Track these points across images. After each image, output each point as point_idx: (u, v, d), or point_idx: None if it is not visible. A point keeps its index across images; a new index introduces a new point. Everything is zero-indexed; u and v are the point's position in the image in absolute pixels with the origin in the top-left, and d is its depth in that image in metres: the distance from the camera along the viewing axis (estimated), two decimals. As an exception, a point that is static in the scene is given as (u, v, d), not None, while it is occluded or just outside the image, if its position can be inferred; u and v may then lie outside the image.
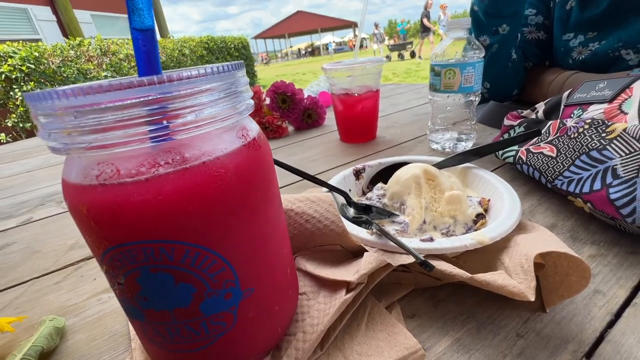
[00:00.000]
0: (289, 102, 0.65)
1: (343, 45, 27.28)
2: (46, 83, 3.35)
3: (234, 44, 6.42)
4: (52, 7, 5.71)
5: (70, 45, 3.74)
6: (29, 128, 3.35)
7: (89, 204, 0.12)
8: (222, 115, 0.13)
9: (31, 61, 3.27)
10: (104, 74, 3.90)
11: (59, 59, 3.52)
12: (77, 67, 3.67)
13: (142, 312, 0.14)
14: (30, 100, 0.12)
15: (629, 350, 0.17)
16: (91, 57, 3.90)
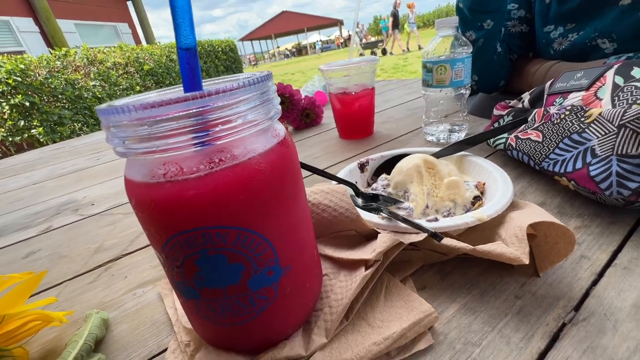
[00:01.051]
0: (287, 103, 0.67)
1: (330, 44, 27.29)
2: (34, 95, 3.30)
3: (221, 47, 6.39)
4: (34, 18, 5.61)
5: (56, 56, 3.70)
6: (18, 142, 3.31)
7: (157, 198, 0.14)
8: (257, 120, 0.15)
9: (17, 74, 3.22)
10: (92, 83, 3.86)
11: (45, 71, 3.47)
12: (65, 77, 3.63)
13: (198, 292, 0.17)
14: (102, 114, 0.14)
15: (610, 302, 0.20)
16: (78, 67, 3.86)
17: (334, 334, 0.20)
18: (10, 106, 3.21)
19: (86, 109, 3.83)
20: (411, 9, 8.61)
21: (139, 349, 0.23)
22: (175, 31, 0.16)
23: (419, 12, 8.79)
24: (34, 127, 3.37)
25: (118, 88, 4.22)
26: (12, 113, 3.25)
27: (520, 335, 0.19)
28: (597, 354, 0.17)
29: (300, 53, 26.86)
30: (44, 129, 3.41)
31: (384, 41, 9.01)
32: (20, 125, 3.30)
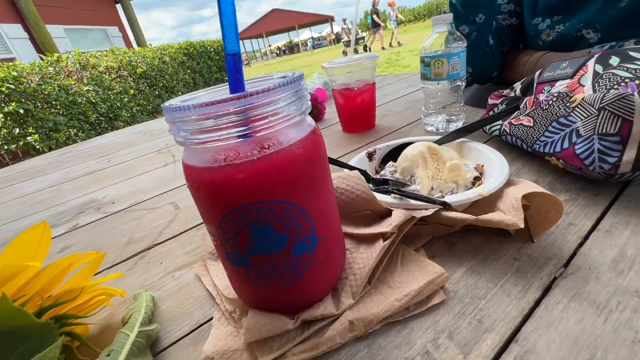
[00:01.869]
0: (291, 101, 0.70)
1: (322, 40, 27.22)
2: (27, 102, 3.29)
3: (213, 48, 6.35)
4: (23, 24, 5.55)
5: (49, 62, 3.67)
6: (14, 149, 3.29)
7: (219, 179, 0.17)
8: (293, 113, 0.18)
9: (10, 81, 3.20)
10: (85, 88, 3.84)
11: (37, 77, 3.45)
12: (58, 83, 3.61)
13: (249, 259, 0.20)
14: (169, 111, 0.17)
15: (593, 258, 0.23)
16: (70, 72, 3.83)
17: (360, 296, 0.23)
18: (4, 114, 3.19)
19: (81, 114, 3.81)
20: (392, 7, 8.87)
21: (186, 320, 0.26)
22: (223, 39, 0.19)
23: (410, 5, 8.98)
24: (29, 135, 3.35)
25: (112, 92, 4.20)
26: (6, 121, 3.24)
27: (518, 289, 0.22)
28: (582, 298, 0.21)
29: (292, 51, 26.76)
30: (40, 136, 3.39)
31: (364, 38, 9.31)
32: (15, 133, 3.28)
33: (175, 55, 5.32)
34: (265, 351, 0.21)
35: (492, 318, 0.21)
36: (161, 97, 4.94)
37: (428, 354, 0.19)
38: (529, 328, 0.20)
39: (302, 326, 0.22)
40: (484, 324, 0.20)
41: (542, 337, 0.19)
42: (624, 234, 0.25)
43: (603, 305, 0.20)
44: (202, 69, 5.99)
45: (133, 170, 0.69)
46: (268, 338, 0.21)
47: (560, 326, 0.19)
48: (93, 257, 0.22)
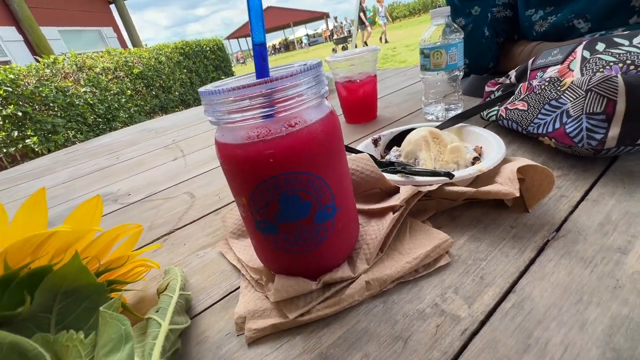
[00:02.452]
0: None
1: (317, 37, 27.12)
2: (25, 105, 3.28)
3: (209, 47, 6.33)
4: (17, 27, 5.53)
5: (45, 64, 3.67)
6: (13, 152, 3.29)
7: (252, 154, 0.20)
8: (314, 96, 0.21)
9: (7, 84, 3.19)
10: (82, 89, 3.83)
11: (34, 79, 3.45)
12: (55, 85, 3.60)
13: (277, 226, 0.22)
14: (206, 95, 0.20)
15: (582, 223, 0.26)
16: (67, 74, 3.83)
17: (373, 262, 0.26)
18: (3, 117, 3.18)
19: (79, 115, 3.81)
20: (380, 4, 9.18)
21: (215, 290, 0.28)
22: (251, 31, 0.21)
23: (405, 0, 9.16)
24: (28, 137, 3.35)
25: (109, 93, 4.19)
26: (4, 124, 3.23)
27: (515, 251, 0.25)
28: (571, 255, 0.23)
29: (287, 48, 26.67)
30: (39, 138, 3.39)
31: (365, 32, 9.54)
32: (14, 135, 3.28)
33: (171, 55, 5.31)
34: (292, 309, 0.23)
35: (493, 275, 0.23)
36: (158, 97, 4.93)
37: (437, 306, 0.22)
38: (524, 281, 0.22)
39: (323, 288, 0.24)
40: (485, 280, 0.23)
41: (536, 288, 0.22)
42: (609, 202, 0.28)
43: (589, 260, 0.23)
44: (198, 68, 5.97)
45: (143, 165, 0.71)
46: (294, 298, 0.24)
47: (552, 278, 0.22)
48: (135, 230, 0.24)
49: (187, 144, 0.80)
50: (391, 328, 0.21)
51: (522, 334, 0.19)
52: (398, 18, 23.50)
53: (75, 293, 0.19)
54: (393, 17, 23.44)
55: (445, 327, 0.21)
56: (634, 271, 0.21)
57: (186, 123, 1.08)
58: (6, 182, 0.85)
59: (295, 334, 0.22)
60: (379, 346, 0.20)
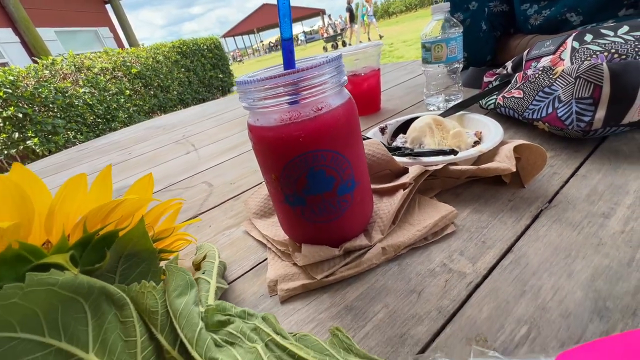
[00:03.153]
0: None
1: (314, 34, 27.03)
2: (25, 106, 3.29)
3: (206, 45, 6.32)
4: (13, 28, 5.51)
5: (44, 65, 3.67)
6: (13, 154, 3.30)
7: (285, 134, 0.23)
8: (336, 84, 0.24)
9: (7, 86, 3.20)
10: (81, 90, 3.83)
11: (33, 80, 3.45)
12: (54, 86, 3.60)
13: (304, 199, 0.25)
14: (243, 84, 0.23)
15: (572, 195, 0.29)
16: (66, 74, 3.83)
17: (387, 232, 0.29)
18: (3, 119, 3.19)
19: (78, 116, 3.81)
20: (369, 2, 9.52)
21: (245, 262, 0.32)
22: (280, 27, 0.24)
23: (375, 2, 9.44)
24: (29, 138, 3.36)
25: (108, 93, 4.19)
26: (5, 126, 3.24)
27: (513, 219, 0.28)
28: (562, 221, 0.27)
29: (284, 46, 26.52)
30: (39, 139, 3.40)
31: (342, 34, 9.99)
32: (15, 137, 3.29)
33: (168, 54, 5.31)
34: (318, 271, 0.26)
35: (493, 239, 0.27)
36: (157, 96, 4.94)
37: (445, 265, 0.25)
38: (521, 243, 0.26)
39: (344, 254, 0.28)
40: (487, 244, 0.26)
41: (530, 248, 0.25)
42: (597, 177, 0.31)
43: (577, 224, 0.26)
44: (196, 67, 5.97)
45: (156, 159, 0.74)
46: (319, 262, 0.27)
47: (544, 240, 0.25)
48: (178, 205, 0.28)
49: (197, 139, 0.83)
50: (406, 284, 0.25)
51: (518, 283, 0.22)
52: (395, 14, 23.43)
53: (135, 256, 0.22)
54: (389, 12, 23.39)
55: (453, 281, 0.24)
56: (615, 231, 0.24)
57: (192, 120, 1.11)
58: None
59: (322, 292, 0.26)
60: (397, 298, 0.24)
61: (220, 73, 6.55)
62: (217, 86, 6.50)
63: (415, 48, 5.26)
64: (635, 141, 0.35)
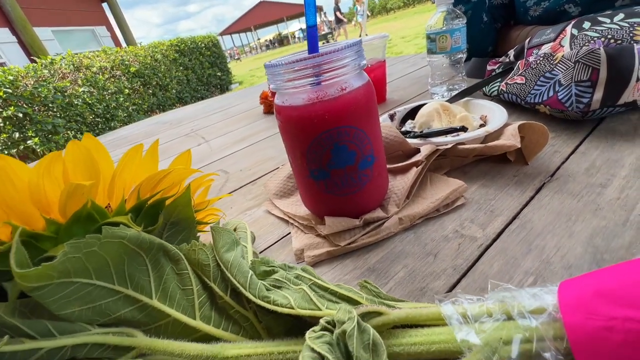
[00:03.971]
0: (308, 82, 0.77)
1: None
2: (24, 106, 3.29)
3: (204, 43, 6.30)
4: (10, 28, 5.49)
5: (43, 65, 3.66)
6: (14, 154, 3.31)
7: (312, 112, 0.25)
8: (357, 66, 0.26)
9: (7, 86, 3.20)
10: (80, 89, 3.83)
11: (33, 80, 3.44)
12: (53, 85, 3.59)
13: (329, 172, 0.28)
14: (272, 67, 0.25)
15: (572, 169, 0.32)
16: (65, 74, 3.82)
17: (402, 206, 0.32)
18: (3, 119, 3.19)
19: (78, 115, 3.81)
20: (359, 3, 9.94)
21: (269, 236, 0.34)
22: (305, 16, 0.26)
23: None
24: (29, 138, 3.36)
25: (107, 92, 4.19)
26: (5, 125, 3.24)
27: (518, 192, 0.31)
28: (563, 191, 0.29)
29: (282, 43, 26.48)
30: (40, 139, 3.40)
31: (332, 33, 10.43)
32: (15, 137, 3.29)
33: (167, 53, 5.30)
34: (341, 240, 0.29)
35: (500, 209, 0.29)
36: (155, 95, 4.94)
37: (457, 232, 0.28)
38: (526, 211, 0.28)
39: (364, 225, 0.30)
40: (495, 212, 0.29)
41: (535, 214, 0.27)
42: (595, 153, 0.34)
43: (577, 193, 0.28)
44: (194, 65, 5.96)
45: (169, 151, 0.77)
46: (341, 232, 0.29)
47: (547, 207, 0.28)
48: (211, 181, 0.30)
49: (206, 132, 0.85)
50: (422, 248, 0.27)
51: (525, 243, 0.25)
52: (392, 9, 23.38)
53: (177, 224, 0.25)
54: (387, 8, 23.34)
55: (465, 244, 0.26)
56: (611, 198, 0.27)
57: (198, 115, 1.13)
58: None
59: (346, 257, 0.28)
60: (415, 260, 0.26)
61: (218, 71, 6.54)
62: (215, 84, 6.49)
63: (413, 44, 5.26)
64: (630, 121, 0.37)
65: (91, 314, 0.18)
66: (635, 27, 0.35)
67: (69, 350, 0.17)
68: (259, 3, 31.54)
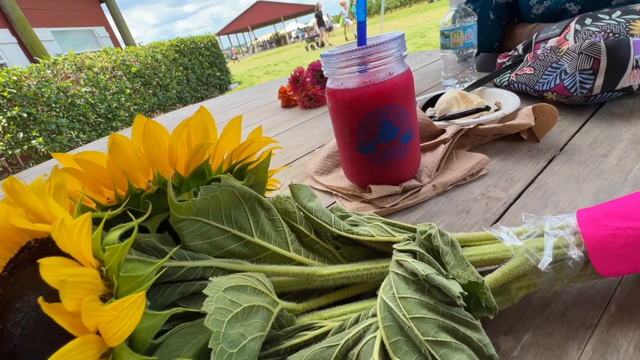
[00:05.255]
0: (325, 77, 0.83)
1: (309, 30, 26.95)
2: (28, 106, 3.32)
3: (203, 43, 6.32)
4: (10, 29, 5.49)
5: (46, 65, 3.68)
6: (18, 154, 3.33)
7: (366, 93, 0.30)
8: (400, 56, 0.31)
9: (11, 86, 3.22)
10: (83, 89, 3.85)
11: (36, 80, 3.46)
12: (56, 85, 3.61)
13: (375, 145, 0.33)
14: (329, 57, 0.30)
15: (578, 144, 0.37)
16: (67, 74, 3.84)
17: (433, 177, 0.37)
18: (7, 119, 3.21)
19: (81, 115, 3.83)
20: (344, 6, 10.98)
21: (316, 206, 0.39)
22: (356, 13, 0.32)
23: None
24: (33, 138, 3.38)
25: (109, 92, 4.21)
26: (10, 126, 3.26)
27: (533, 163, 0.36)
28: (571, 161, 0.35)
29: (279, 43, 26.50)
30: (44, 139, 3.42)
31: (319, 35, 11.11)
32: (19, 137, 3.31)
33: (167, 53, 5.33)
34: (385, 203, 0.34)
35: (519, 176, 0.34)
36: (156, 95, 4.97)
37: (483, 194, 0.33)
38: (541, 176, 0.33)
39: (403, 192, 0.35)
40: (514, 179, 0.34)
41: (549, 179, 0.33)
42: (597, 131, 0.39)
43: (583, 162, 0.34)
44: (194, 65, 5.99)
45: (195, 143, 0.81)
46: (384, 197, 0.35)
47: (559, 173, 0.33)
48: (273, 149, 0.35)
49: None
50: (455, 207, 0.32)
51: (542, 200, 0.30)
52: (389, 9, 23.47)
53: (255, 186, 0.30)
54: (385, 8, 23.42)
55: (492, 203, 0.32)
56: (612, 165, 0.32)
57: (215, 110, 1.17)
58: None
59: (390, 218, 0.33)
60: (450, 216, 0.31)
61: (217, 71, 6.57)
62: (215, 84, 6.52)
63: (412, 43, 5.33)
64: (627, 105, 0.43)
65: (209, 247, 0.23)
66: (630, 23, 0.41)
67: (201, 271, 0.22)
68: (256, 3, 31.53)
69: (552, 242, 0.19)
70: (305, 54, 9.57)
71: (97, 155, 0.22)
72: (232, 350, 0.14)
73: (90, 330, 0.13)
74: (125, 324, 0.13)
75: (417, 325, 0.15)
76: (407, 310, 0.16)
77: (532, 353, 0.18)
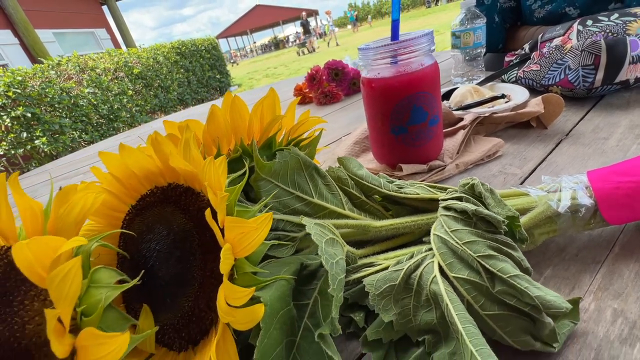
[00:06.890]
0: (340, 75, 0.87)
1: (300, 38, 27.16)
2: (32, 106, 3.34)
3: (204, 46, 6.38)
4: (12, 30, 5.52)
5: (50, 66, 3.71)
6: (21, 154, 3.35)
7: (401, 81, 0.35)
8: (429, 50, 0.36)
9: (16, 86, 3.24)
10: (86, 90, 3.88)
11: (39, 81, 3.49)
12: (60, 86, 3.64)
13: (406, 128, 0.37)
14: (367, 50, 0.35)
15: (582, 130, 0.42)
16: (70, 75, 3.87)
17: (454, 158, 0.41)
18: (11, 119, 3.23)
19: (84, 116, 3.85)
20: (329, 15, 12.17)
21: (348, 185, 0.43)
22: (392, 10, 0.36)
23: None
24: (37, 138, 3.39)
25: (111, 93, 4.24)
26: (13, 125, 3.28)
27: (542, 145, 0.41)
28: (577, 144, 0.39)
29: (278, 47, 26.64)
30: (47, 139, 3.43)
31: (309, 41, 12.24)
32: (23, 137, 3.32)
33: (168, 55, 5.37)
34: (413, 180, 0.38)
35: (531, 156, 0.39)
36: (157, 97, 5.01)
37: (501, 172, 0.38)
38: (550, 156, 0.38)
39: (429, 170, 0.40)
40: (527, 159, 0.39)
41: (558, 158, 0.37)
42: (598, 119, 0.44)
43: (587, 144, 0.39)
44: (194, 67, 6.04)
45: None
46: (413, 174, 0.39)
47: (566, 153, 0.38)
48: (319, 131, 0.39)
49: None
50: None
51: (553, 174, 0.35)
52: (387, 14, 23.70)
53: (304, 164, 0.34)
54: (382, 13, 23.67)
55: (509, 178, 0.36)
56: (612, 146, 0.37)
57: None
58: (76, 163, 0.98)
59: (419, 191, 0.38)
60: (473, 188, 0.36)
61: (217, 74, 6.62)
62: (215, 87, 6.56)
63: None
64: (624, 97, 0.48)
65: (278, 205, 0.27)
66: (627, 24, 0.46)
67: (276, 222, 0.26)
68: (255, 7, 31.73)
69: (569, 193, 0.23)
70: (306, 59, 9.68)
71: (196, 123, 0.26)
72: (332, 261, 0.18)
73: (229, 241, 0.17)
74: (256, 237, 0.17)
75: (469, 247, 0.20)
76: (459, 238, 0.20)
77: (553, 282, 0.23)
